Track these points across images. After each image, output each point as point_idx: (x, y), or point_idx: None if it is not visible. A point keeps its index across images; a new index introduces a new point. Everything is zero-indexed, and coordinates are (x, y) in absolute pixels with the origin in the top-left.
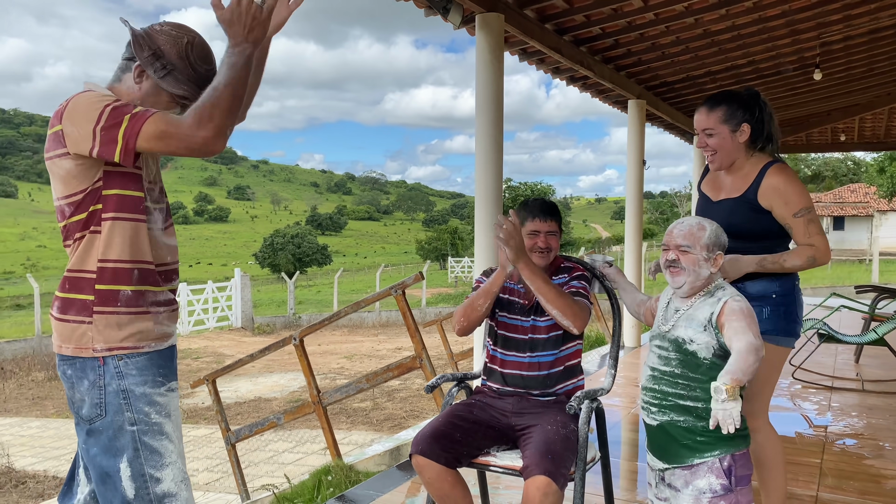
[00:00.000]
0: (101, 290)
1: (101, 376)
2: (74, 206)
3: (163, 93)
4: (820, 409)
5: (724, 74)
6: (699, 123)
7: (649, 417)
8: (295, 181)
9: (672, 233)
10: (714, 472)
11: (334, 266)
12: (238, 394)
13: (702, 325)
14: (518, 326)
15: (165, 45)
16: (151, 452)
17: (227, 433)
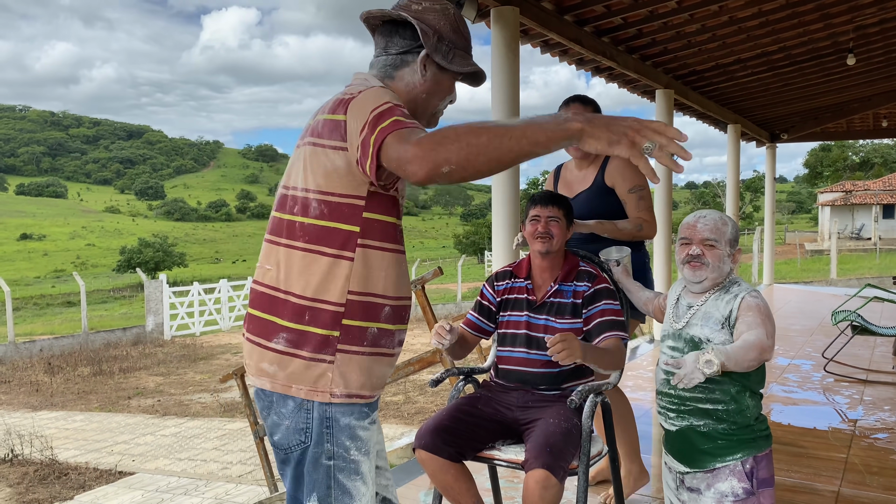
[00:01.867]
0: (348, 325)
1: (307, 401)
2: (327, 207)
3: (446, 78)
4: (851, 403)
5: (755, 61)
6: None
7: (667, 423)
8: None
9: (695, 226)
10: (736, 475)
11: None
12: None
13: (719, 324)
14: (522, 322)
15: (438, 23)
16: (343, 493)
17: (255, 427)
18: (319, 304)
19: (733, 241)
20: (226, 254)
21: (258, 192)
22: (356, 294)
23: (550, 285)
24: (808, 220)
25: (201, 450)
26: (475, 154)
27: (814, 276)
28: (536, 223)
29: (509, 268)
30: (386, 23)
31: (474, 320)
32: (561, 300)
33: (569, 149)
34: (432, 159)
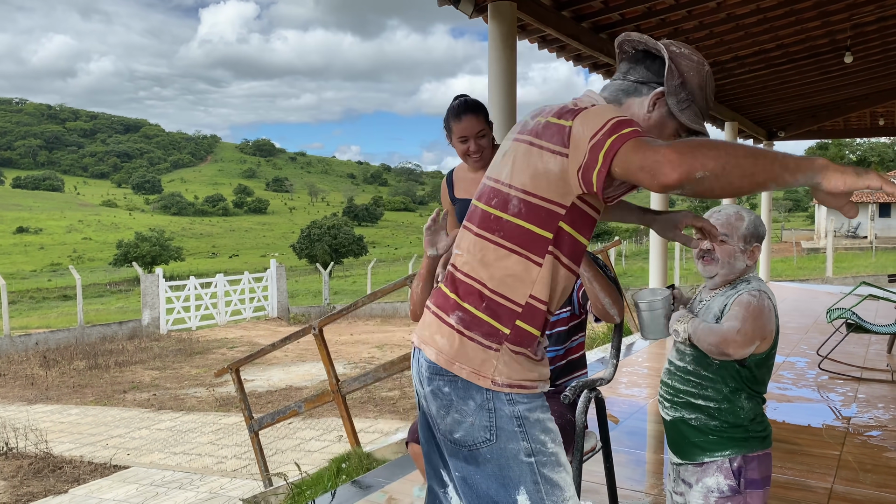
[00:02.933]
0: (520, 326)
1: (490, 399)
2: (525, 207)
3: (669, 124)
4: (845, 401)
5: (753, 59)
6: (473, 128)
7: (664, 412)
8: (332, 173)
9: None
10: (723, 471)
11: (370, 257)
12: (270, 382)
13: (714, 318)
14: None
15: (688, 72)
16: (552, 486)
17: (251, 421)
18: (500, 298)
19: (749, 237)
20: (222, 248)
21: (255, 186)
22: (535, 300)
23: None
24: (804, 219)
25: (196, 444)
26: (732, 165)
27: (810, 275)
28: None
29: None
30: (638, 51)
31: None
32: None
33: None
34: (688, 163)
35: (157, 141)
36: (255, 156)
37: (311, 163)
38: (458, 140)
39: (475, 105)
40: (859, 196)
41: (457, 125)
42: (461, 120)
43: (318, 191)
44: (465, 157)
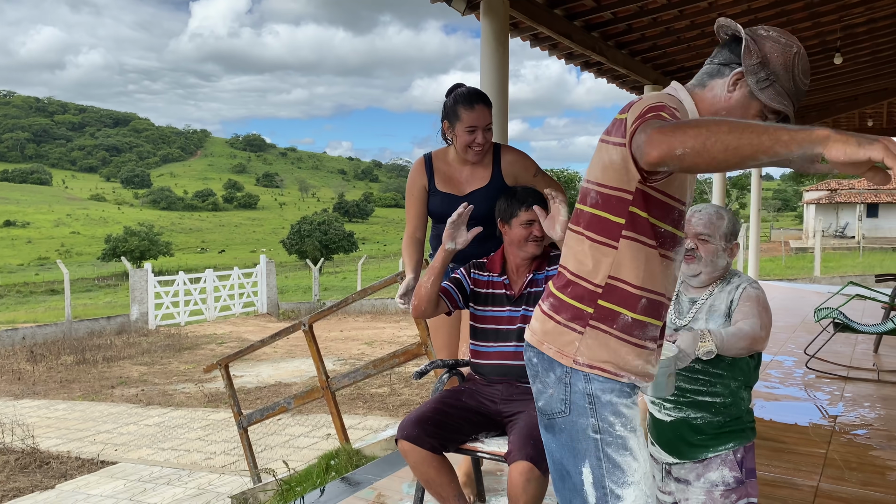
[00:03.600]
0: (602, 306)
1: (568, 374)
2: (600, 198)
3: (753, 104)
4: (832, 399)
5: None
6: (484, 118)
7: (662, 413)
8: (322, 168)
9: (690, 221)
10: (728, 464)
11: (360, 253)
12: (259, 378)
13: (723, 316)
14: (503, 317)
15: (772, 52)
16: (614, 466)
17: (240, 417)
18: (582, 281)
19: (729, 234)
20: (212, 243)
21: (245, 181)
22: (614, 279)
23: (526, 276)
24: (793, 218)
25: (185, 440)
26: (713, 141)
27: (798, 274)
28: (531, 228)
29: (482, 260)
30: (728, 36)
31: (449, 289)
32: (536, 289)
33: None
34: (667, 142)
35: (147, 135)
36: (246, 151)
37: (302, 158)
38: (465, 129)
39: (486, 96)
40: (847, 196)
41: (468, 113)
42: (474, 109)
43: (308, 186)
44: (467, 148)
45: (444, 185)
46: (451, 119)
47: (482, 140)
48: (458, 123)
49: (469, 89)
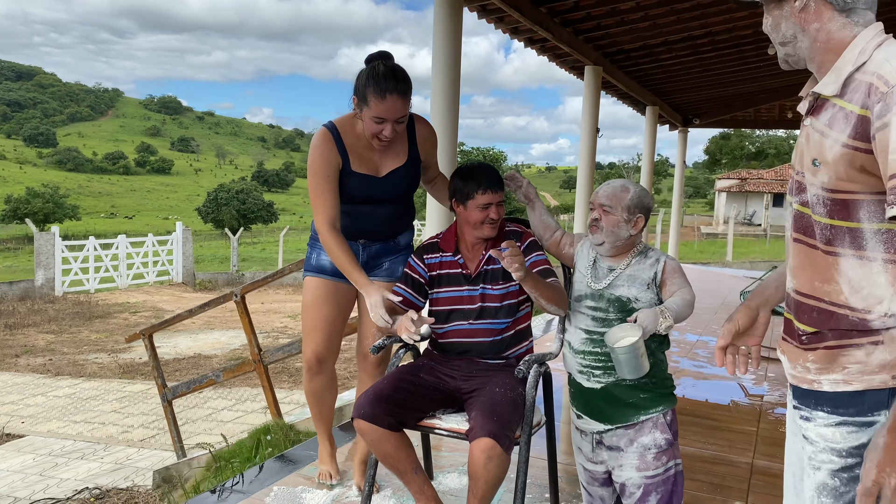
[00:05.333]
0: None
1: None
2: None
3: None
4: (757, 379)
5: (681, 45)
6: (396, 111)
7: (591, 381)
8: (241, 135)
9: (598, 193)
10: (659, 427)
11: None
12: (177, 350)
13: (645, 284)
14: (464, 297)
15: None
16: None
17: (164, 390)
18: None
19: (633, 207)
20: (122, 208)
21: (160, 145)
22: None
23: (482, 255)
24: (703, 205)
25: (99, 412)
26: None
27: (710, 258)
28: (488, 210)
29: (435, 240)
30: None
31: (405, 294)
32: (493, 266)
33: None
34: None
35: (53, 91)
36: (161, 113)
37: (220, 123)
38: (372, 118)
39: (405, 80)
40: (756, 186)
41: (377, 103)
42: (384, 99)
43: (226, 153)
44: (373, 136)
45: (359, 165)
46: (360, 99)
47: (390, 133)
48: (365, 108)
49: (385, 70)
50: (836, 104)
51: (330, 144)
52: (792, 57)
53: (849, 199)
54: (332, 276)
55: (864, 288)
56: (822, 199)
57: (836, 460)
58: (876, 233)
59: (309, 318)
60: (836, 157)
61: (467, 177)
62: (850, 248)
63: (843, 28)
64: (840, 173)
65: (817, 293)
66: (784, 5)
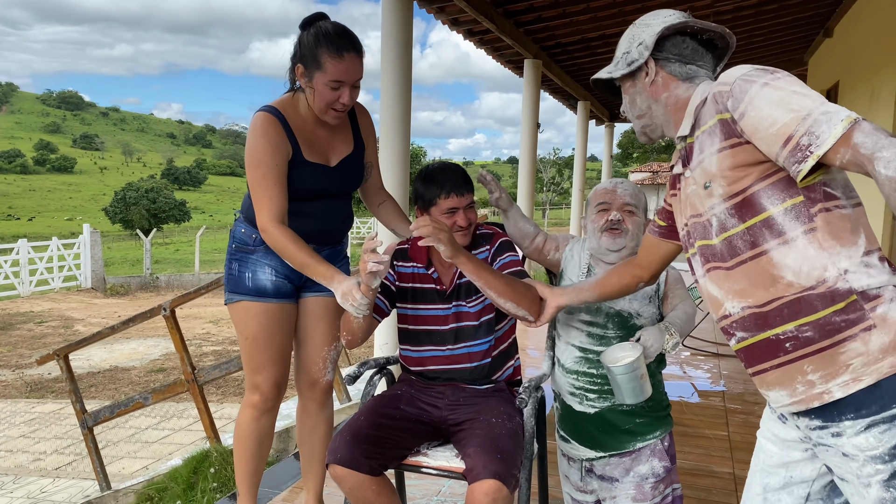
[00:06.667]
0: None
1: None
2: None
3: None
4: (713, 377)
5: (617, 39)
6: (354, 72)
7: (584, 404)
8: (149, 131)
9: (615, 191)
10: (657, 454)
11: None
12: (91, 363)
13: (648, 297)
14: (437, 317)
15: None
16: None
17: (84, 415)
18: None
19: (646, 209)
20: (21, 210)
21: (60, 142)
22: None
23: (455, 267)
24: None
25: (5, 438)
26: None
27: None
28: (454, 215)
29: (405, 246)
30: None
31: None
32: (467, 279)
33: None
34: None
35: None
36: (61, 108)
37: (126, 119)
38: (328, 83)
39: (357, 39)
40: (666, 178)
41: (334, 63)
42: (342, 58)
43: (133, 150)
44: (328, 107)
45: (310, 153)
46: (309, 65)
47: (348, 100)
48: (318, 74)
49: (336, 27)
50: (699, 133)
51: (277, 129)
52: (649, 127)
53: (748, 195)
54: (276, 298)
55: (802, 267)
56: (727, 210)
57: (881, 469)
58: (785, 213)
59: (260, 351)
60: (721, 164)
61: (428, 180)
62: (773, 238)
63: (686, 91)
64: (729, 176)
65: (773, 297)
66: (637, 82)
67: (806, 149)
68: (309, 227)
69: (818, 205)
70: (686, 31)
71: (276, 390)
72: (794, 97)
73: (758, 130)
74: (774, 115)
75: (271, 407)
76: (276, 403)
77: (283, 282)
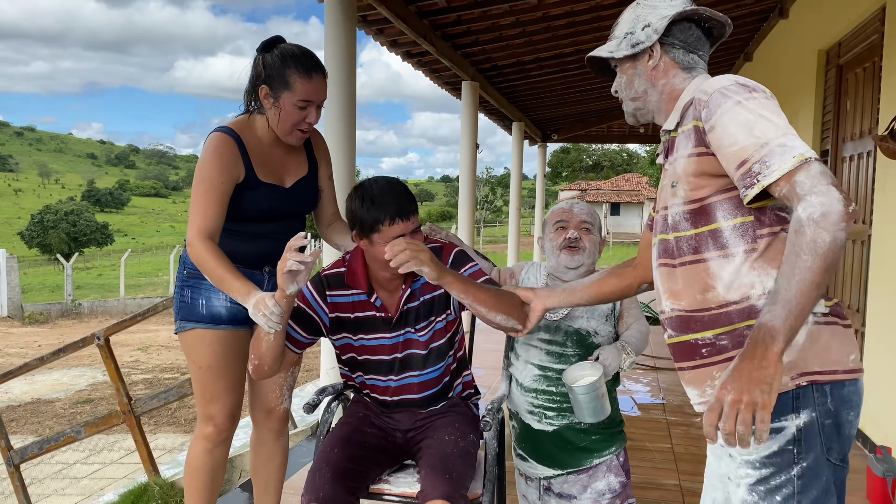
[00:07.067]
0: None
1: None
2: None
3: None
4: (653, 391)
5: (551, 62)
6: (321, 93)
7: (542, 422)
8: (68, 152)
9: (572, 210)
10: (613, 470)
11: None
12: (10, 395)
13: (604, 316)
14: (383, 346)
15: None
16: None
17: (9, 453)
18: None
19: (600, 228)
20: None
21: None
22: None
23: (402, 290)
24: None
25: None
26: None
27: None
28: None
29: (340, 270)
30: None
31: (293, 334)
32: (415, 304)
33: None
34: None
35: None
36: None
37: (43, 139)
38: (296, 103)
39: (321, 62)
40: (595, 196)
41: (304, 83)
42: (311, 78)
43: (50, 171)
44: (293, 128)
45: (264, 174)
46: (276, 85)
47: (315, 119)
48: (286, 94)
49: (301, 49)
50: (680, 132)
51: (233, 152)
52: (641, 110)
53: (705, 204)
54: (230, 325)
55: (734, 282)
56: (683, 213)
57: (751, 473)
58: (733, 229)
59: (215, 380)
60: (686, 169)
61: (368, 203)
62: (715, 249)
63: (684, 81)
64: (692, 183)
65: (702, 304)
66: (637, 64)
67: (755, 176)
68: (263, 249)
69: (766, 228)
70: (693, 18)
71: (230, 421)
72: (759, 122)
73: (721, 147)
74: (737, 136)
75: (225, 438)
76: (230, 435)
77: (237, 308)
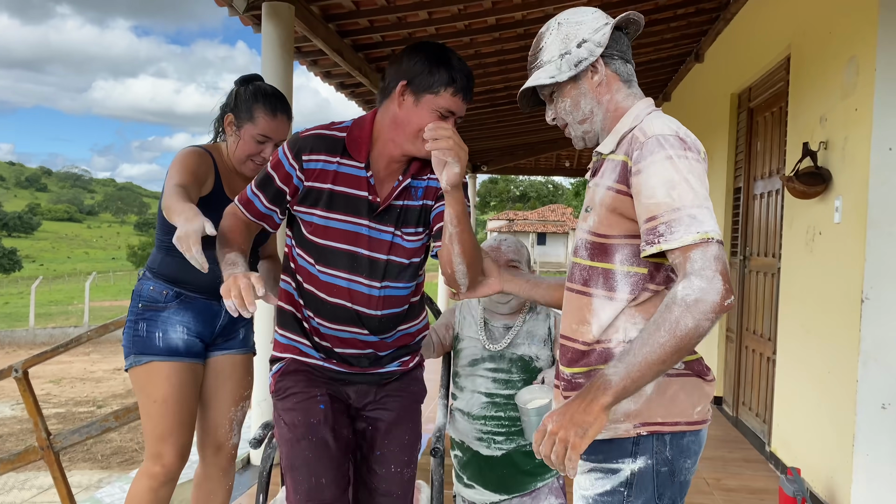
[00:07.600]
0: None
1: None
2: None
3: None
4: None
5: (482, 97)
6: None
7: (491, 448)
8: None
9: (500, 248)
10: (553, 492)
11: (25, 273)
12: None
13: (542, 341)
14: (361, 236)
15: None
16: None
17: None
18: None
19: (529, 262)
20: None
21: None
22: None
23: (398, 180)
24: None
25: None
26: None
27: None
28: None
29: (333, 133)
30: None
31: (257, 203)
32: (409, 202)
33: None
34: None
35: None
36: None
37: None
38: (255, 136)
39: (290, 106)
40: (522, 226)
41: (267, 120)
42: (275, 117)
43: None
44: (248, 158)
45: (230, 193)
46: (242, 116)
47: (269, 155)
48: (248, 125)
49: (273, 90)
50: (611, 159)
51: (205, 160)
52: (589, 133)
53: (607, 243)
54: (187, 357)
55: (608, 324)
56: (585, 242)
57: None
58: (625, 275)
59: (170, 415)
60: (602, 200)
61: (438, 61)
62: (602, 288)
63: (626, 98)
64: (603, 218)
65: (574, 335)
66: (580, 84)
67: (658, 237)
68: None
69: (654, 284)
70: (620, 27)
71: (179, 462)
72: (681, 185)
73: (639, 194)
74: (656, 190)
75: (173, 478)
76: (177, 475)
77: (194, 339)
